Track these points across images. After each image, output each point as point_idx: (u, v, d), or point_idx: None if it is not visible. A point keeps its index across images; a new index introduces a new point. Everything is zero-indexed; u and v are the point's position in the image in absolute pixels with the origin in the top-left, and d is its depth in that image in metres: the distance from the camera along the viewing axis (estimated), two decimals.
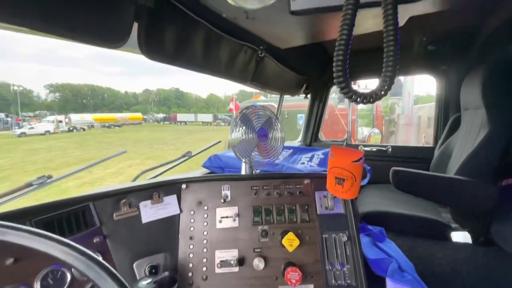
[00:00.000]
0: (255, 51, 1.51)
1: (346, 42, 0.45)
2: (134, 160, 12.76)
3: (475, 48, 1.90)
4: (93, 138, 23.31)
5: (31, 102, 71.45)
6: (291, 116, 5.49)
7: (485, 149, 1.42)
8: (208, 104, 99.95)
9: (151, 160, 12.71)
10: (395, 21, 0.43)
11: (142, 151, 15.56)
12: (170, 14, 0.92)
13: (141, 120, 47.23)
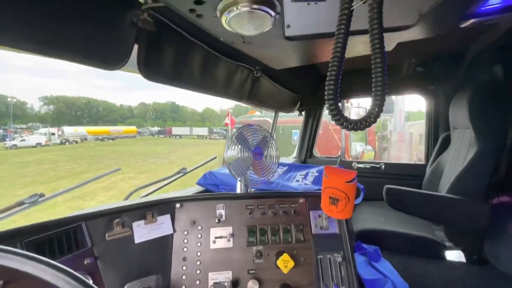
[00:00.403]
0: (251, 71, 1.56)
1: (337, 72, 0.48)
2: (126, 174, 12.56)
3: (461, 70, 2.00)
4: (85, 151, 22.97)
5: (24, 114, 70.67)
6: (286, 131, 5.56)
7: (475, 168, 1.45)
8: (204, 117, 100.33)
9: (144, 174, 12.54)
10: (382, 55, 0.46)
11: (135, 165, 15.36)
12: (170, 37, 0.96)
13: (135, 133, 46.95)
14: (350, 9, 0.49)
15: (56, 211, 7.11)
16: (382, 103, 0.48)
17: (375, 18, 0.46)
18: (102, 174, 1.19)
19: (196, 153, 20.87)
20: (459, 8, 0.84)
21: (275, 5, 0.73)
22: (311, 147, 2.82)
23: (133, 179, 11.55)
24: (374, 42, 0.47)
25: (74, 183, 1.38)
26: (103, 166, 14.96)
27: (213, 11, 0.77)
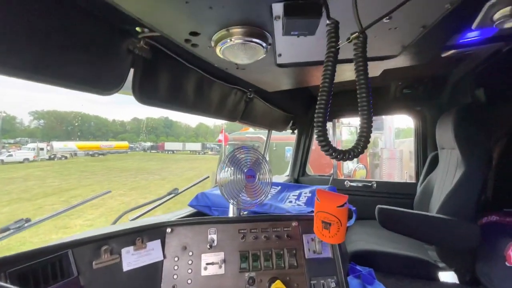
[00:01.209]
0: (245, 93, 1.60)
1: (325, 106, 0.50)
2: (116, 190, 12.24)
3: (445, 92, 2.09)
4: (74, 167, 22.40)
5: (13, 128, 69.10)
6: (279, 148, 5.59)
7: (463, 189, 1.49)
8: (197, 133, 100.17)
9: (134, 191, 12.25)
10: (367, 94, 0.49)
11: (125, 181, 15.03)
12: (165, 63, 0.98)
13: (127, 148, 46.29)
14: (336, 47, 0.53)
15: (40, 230, 6.82)
16: (368, 136, 0.51)
17: (360, 57, 0.50)
18: (91, 197, 1.16)
19: (188, 169, 20.62)
20: (440, 41, 0.90)
21: (267, 37, 0.77)
22: (304, 165, 2.84)
23: (124, 195, 11.26)
24: (361, 83, 0.50)
25: (61, 200, 1.30)
26: (92, 182, 14.58)
27: (207, 41, 0.80)
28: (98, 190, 12.42)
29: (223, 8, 0.63)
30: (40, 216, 1.02)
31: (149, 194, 11.45)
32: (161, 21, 0.69)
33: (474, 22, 0.74)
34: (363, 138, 0.51)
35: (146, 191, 12.18)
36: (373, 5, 0.63)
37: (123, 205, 9.53)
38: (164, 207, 1.57)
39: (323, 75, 0.52)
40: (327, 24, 0.55)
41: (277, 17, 0.67)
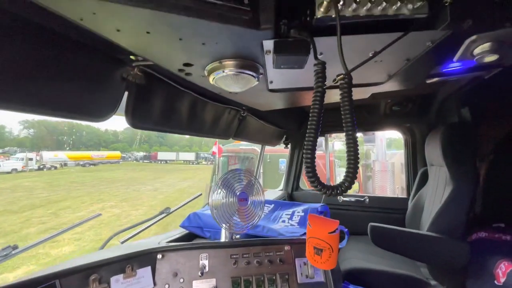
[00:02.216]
0: (238, 111, 1.62)
1: (313, 143, 0.52)
2: (107, 202, 11.97)
3: (433, 110, 2.16)
4: (64, 178, 21.88)
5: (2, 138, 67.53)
6: (273, 160, 5.61)
7: (452, 207, 1.52)
8: (191, 142, 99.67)
9: (126, 202, 11.99)
10: (354, 136, 0.51)
11: (117, 192, 14.73)
12: (158, 88, 0.99)
13: (119, 158, 45.52)
14: (323, 87, 0.55)
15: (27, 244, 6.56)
16: (355, 172, 0.52)
17: (346, 97, 0.52)
18: (81, 221, 1.15)
19: (182, 179, 20.36)
20: (423, 71, 0.94)
21: (258, 68, 0.80)
22: (298, 179, 2.85)
23: (115, 207, 11.01)
24: (347, 122, 0.52)
25: (49, 212, 1.25)
26: (82, 193, 14.23)
27: (201, 71, 0.82)
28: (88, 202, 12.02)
29: (217, 44, 0.65)
30: (27, 230, 0.99)
31: (141, 206, 11.22)
32: (156, 54, 0.71)
33: (455, 56, 0.78)
34: (350, 174, 0.53)
35: (138, 203, 11.94)
36: (359, 44, 0.66)
37: (114, 217, 9.30)
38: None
39: (310, 116, 0.54)
40: (315, 64, 0.57)
41: (268, 51, 0.70)
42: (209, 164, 37.25)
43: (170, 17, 0.53)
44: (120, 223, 8.62)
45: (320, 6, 0.56)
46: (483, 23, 0.62)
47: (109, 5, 0.48)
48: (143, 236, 1.41)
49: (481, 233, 1.73)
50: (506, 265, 1.23)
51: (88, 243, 6.62)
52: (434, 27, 0.60)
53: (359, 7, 0.56)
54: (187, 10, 0.51)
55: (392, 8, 0.56)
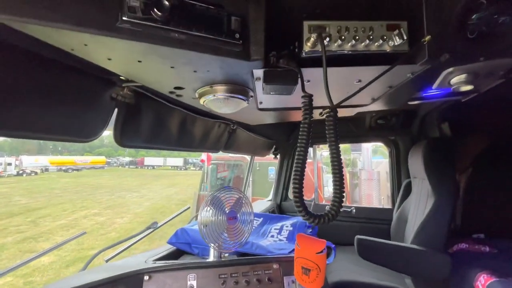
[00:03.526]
0: (228, 125, 1.63)
1: (300, 177, 0.54)
2: (90, 209, 11.56)
3: (415, 125, 2.25)
4: (44, 184, 20.99)
5: None
6: (262, 168, 5.63)
7: (434, 219, 1.57)
8: None
9: (110, 209, 11.62)
10: (340, 170, 0.54)
11: (101, 199, 14.26)
12: (148, 106, 0.99)
13: (104, 164, 44.22)
14: (310, 119, 0.57)
15: (3, 255, 6.24)
16: (341, 201, 0.55)
17: (332, 130, 0.54)
18: (65, 241, 1.11)
19: (169, 186, 19.98)
20: (405, 96, 0.99)
21: (248, 92, 0.81)
22: (287, 189, 2.87)
23: (98, 215, 10.64)
24: (333, 153, 0.54)
25: (27, 220, 1.18)
26: (63, 200, 13.69)
27: (192, 93, 0.83)
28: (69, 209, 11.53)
29: (208, 71, 0.67)
30: (3, 240, 0.95)
31: (126, 214, 10.91)
32: (146, 78, 0.72)
33: (434, 84, 0.83)
34: (336, 203, 0.55)
35: (123, 210, 11.60)
36: (345, 74, 0.70)
37: (97, 226, 8.98)
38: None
39: (297, 147, 0.56)
40: (303, 96, 0.60)
41: (258, 78, 0.72)
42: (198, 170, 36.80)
43: (163, 49, 0.54)
44: (104, 232, 8.33)
45: (307, 41, 0.59)
46: (459, 57, 0.67)
47: (101, 37, 0.49)
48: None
49: (462, 244, 1.80)
50: (485, 278, 1.28)
51: (69, 253, 6.35)
52: (415, 62, 0.64)
53: (344, 43, 0.59)
54: (180, 43, 0.53)
55: (375, 44, 0.60)
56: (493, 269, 1.35)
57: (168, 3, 0.49)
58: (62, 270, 5.45)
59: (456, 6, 0.61)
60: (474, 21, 0.63)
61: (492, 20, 0.62)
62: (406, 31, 0.59)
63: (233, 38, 0.56)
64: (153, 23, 0.49)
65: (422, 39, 0.59)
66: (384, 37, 0.59)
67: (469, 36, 0.65)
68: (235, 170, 6.15)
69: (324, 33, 0.59)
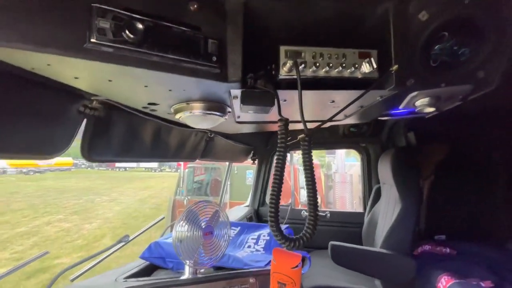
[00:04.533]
0: (205, 133, 1.60)
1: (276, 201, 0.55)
2: (54, 215, 10.74)
3: (384, 133, 2.38)
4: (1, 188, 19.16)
5: None
6: (240, 171, 5.62)
7: (400, 224, 1.67)
8: None
9: (77, 215, 10.88)
10: (315, 199, 0.55)
11: (66, 204, 13.31)
12: (119, 118, 0.94)
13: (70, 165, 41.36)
14: (286, 143, 0.59)
15: None
16: (315, 225, 0.56)
17: (307, 155, 0.56)
18: (26, 261, 1.02)
19: (143, 188, 19.17)
20: (375, 113, 1.05)
21: (225, 109, 0.81)
22: (264, 194, 2.90)
23: (64, 221, 9.91)
24: (308, 178, 0.56)
25: None
26: (24, 206, 12.58)
27: (167, 108, 0.81)
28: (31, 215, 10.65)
29: (184, 91, 0.65)
30: None
31: (95, 219, 10.29)
32: (118, 96, 0.68)
33: (401, 105, 0.89)
34: (311, 226, 0.57)
35: (92, 215, 10.92)
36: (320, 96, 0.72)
37: (63, 233, 8.36)
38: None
39: (274, 173, 0.56)
40: (279, 120, 0.60)
41: (235, 97, 0.71)
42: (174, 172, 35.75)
43: (136, 70, 0.52)
44: (70, 239, 7.77)
45: (284, 65, 0.60)
46: (423, 82, 0.73)
47: (66, 58, 0.46)
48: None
49: (425, 246, 1.94)
50: (446, 280, 1.39)
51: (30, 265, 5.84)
52: (383, 88, 0.68)
53: (319, 69, 0.61)
54: (154, 65, 0.51)
55: (347, 71, 0.63)
56: (453, 270, 1.46)
57: (142, 26, 0.47)
58: (22, 283, 5.00)
59: (421, 37, 0.65)
60: (437, 51, 0.68)
61: (453, 51, 0.68)
62: (376, 59, 0.62)
63: (210, 61, 0.56)
64: (124, 46, 0.47)
65: (390, 68, 0.63)
66: (355, 65, 0.62)
67: (432, 64, 0.71)
68: (212, 173, 6.06)
69: (299, 59, 0.60)
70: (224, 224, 1.09)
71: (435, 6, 0.62)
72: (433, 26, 0.64)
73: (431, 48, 0.68)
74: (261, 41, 0.64)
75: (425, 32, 0.65)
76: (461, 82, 0.73)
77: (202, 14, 0.55)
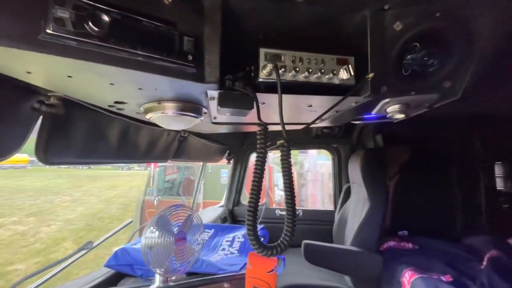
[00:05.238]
0: (178, 132, 1.53)
1: (254, 209, 0.53)
2: (8, 217, 9.70)
3: (354, 135, 2.49)
4: None
5: None
6: (214, 170, 5.52)
7: (368, 222, 1.76)
8: None
9: (34, 217, 9.94)
10: (293, 206, 0.54)
11: (22, 205, 12.11)
12: (81, 116, 0.85)
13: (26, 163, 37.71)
14: (265, 148, 0.57)
15: None
16: (292, 233, 0.56)
17: (285, 161, 0.55)
18: None
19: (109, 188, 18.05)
20: (349, 117, 1.08)
21: (201, 109, 0.77)
22: (239, 194, 2.88)
23: (19, 223, 8.98)
24: (286, 185, 0.55)
25: None
26: None
27: (136, 107, 0.75)
28: None
29: (156, 90, 0.60)
30: None
31: (54, 221, 9.48)
32: (79, 93, 0.61)
33: (373, 110, 0.92)
34: (288, 234, 0.56)
35: (50, 217, 10.04)
36: (298, 100, 0.71)
37: (17, 236, 7.58)
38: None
39: (252, 179, 0.55)
40: (258, 124, 0.59)
41: (212, 98, 0.68)
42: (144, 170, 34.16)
43: (100, 66, 0.46)
44: (25, 243, 7.08)
45: (263, 68, 0.59)
46: (395, 90, 0.76)
47: (14, 51, 0.39)
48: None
49: (390, 242, 2.06)
50: (410, 275, 1.48)
51: None
52: (359, 94, 0.69)
53: (298, 74, 0.60)
54: (122, 62, 0.46)
55: (326, 77, 0.63)
56: (416, 265, 1.57)
57: (108, 18, 0.42)
58: None
59: (395, 47, 0.68)
60: (409, 61, 0.71)
61: (423, 61, 0.71)
62: (353, 66, 0.63)
63: (185, 60, 0.52)
64: (87, 39, 0.41)
65: (366, 76, 0.64)
66: (334, 71, 0.62)
67: (404, 73, 0.74)
68: (185, 172, 5.87)
69: (279, 62, 0.59)
70: (198, 228, 1.05)
71: (409, 17, 0.64)
72: (406, 36, 0.66)
73: (403, 57, 0.71)
74: (240, 41, 0.62)
75: (399, 42, 0.67)
76: (429, 91, 0.78)
77: (177, 9, 0.51)
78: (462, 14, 0.63)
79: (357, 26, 0.66)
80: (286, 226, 0.56)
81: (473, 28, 0.64)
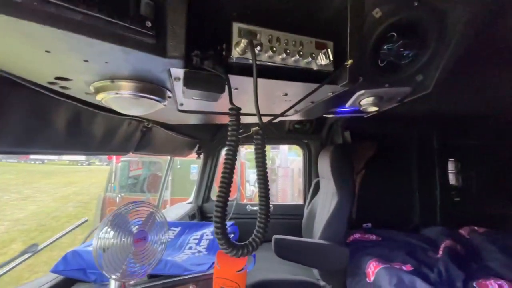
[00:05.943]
0: (141, 122, 1.40)
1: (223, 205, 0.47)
2: None
3: (324, 131, 2.53)
4: None
5: None
6: (183, 166, 5.29)
7: (337, 216, 1.79)
8: None
9: None
10: (267, 202, 0.49)
11: None
12: (17, 97, 0.71)
13: None
14: (238, 136, 0.51)
15: None
16: (265, 232, 0.51)
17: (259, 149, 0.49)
18: None
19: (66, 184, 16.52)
20: (323, 109, 1.07)
21: (165, 92, 0.68)
22: (209, 190, 2.78)
23: None
24: (260, 175, 0.49)
25: None
26: None
27: (84, 86, 0.63)
28: None
29: (106, 63, 0.50)
30: None
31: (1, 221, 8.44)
32: (7, 65, 0.49)
33: (347, 103, 0.91)
34: (261, 231, 0.51)
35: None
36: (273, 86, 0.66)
37: None
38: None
39: (222, 172, 0.48)
40: (230, 109, 0.52)
41: (177, 78, 0.60)
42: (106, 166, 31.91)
43: (29, 26, 0.36)
44: None
45: (237, 45, 0.52)
46: (370, 81, 0.74)
47: None
48: None
49: (356, 234, 2.13)
50: (374, 265, 1.53)
51: None
52: (336, 82, 0.66)
53: (275, 55, 0.55)
54: (54, 20, 0.36)
55: (304, 61, 0.58)
56: (379, 256, 1.63)
57: None
58: None
59: (373, 34, 0.65)
60: (385, 51, 0.70)
61: (399, 52, 0.70)
62: (332, 51, 0.59)
63: (142, 26, 0.43)
64: None
65: (345, 63, 0.60)
66: (312, 55, 0.57)
67: (379, 64, 0.72)
68: (151, 167, 5.55)
69: (255, 40, 0.52)
70: (161, 227, 0.95)
71: (388, 4, 0.62)
72: (384, 24, 0.64)
73: (380, 47, 0.69)
74: (211, 16, 0.54)
75: (377, 30, 0.65)
76: (402, 84, 0.77)
77: None
78: (439, 6, 0.63)
79: (336, 10, 0.62)
80: (259, 222, 0.51)
81: (449, 21, 0.64)
